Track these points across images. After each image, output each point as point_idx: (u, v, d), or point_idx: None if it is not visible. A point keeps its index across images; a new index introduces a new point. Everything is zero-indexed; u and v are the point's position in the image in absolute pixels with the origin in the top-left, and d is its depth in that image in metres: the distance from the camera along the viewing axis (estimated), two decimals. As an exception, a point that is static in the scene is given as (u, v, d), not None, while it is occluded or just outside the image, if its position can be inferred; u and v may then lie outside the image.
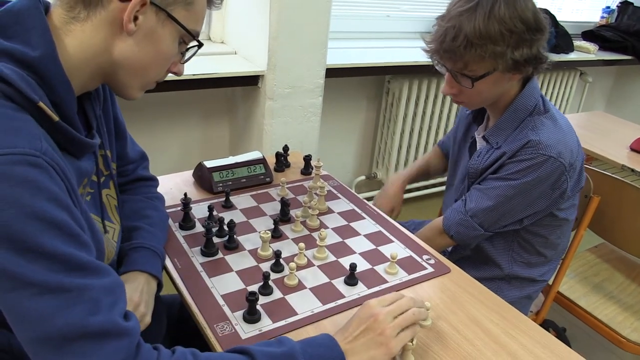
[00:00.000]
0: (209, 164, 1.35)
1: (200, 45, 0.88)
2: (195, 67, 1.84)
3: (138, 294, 0.91)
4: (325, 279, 1.06)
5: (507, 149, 1.23)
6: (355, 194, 1.42)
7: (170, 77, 0.91)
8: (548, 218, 1.30)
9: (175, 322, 1.22)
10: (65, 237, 0.65)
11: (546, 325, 1.69)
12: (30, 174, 0.63)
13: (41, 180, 0.64)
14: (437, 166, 1.66)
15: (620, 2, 3.73)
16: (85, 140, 0.78)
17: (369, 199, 2.79)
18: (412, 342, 0.85)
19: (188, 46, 0.87)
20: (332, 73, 2.13)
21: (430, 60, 1.23)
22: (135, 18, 0.77)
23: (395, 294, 0.88)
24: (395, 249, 1.18)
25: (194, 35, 0.85)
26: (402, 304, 0.86)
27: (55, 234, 0.64)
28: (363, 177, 2.82)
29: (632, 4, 3.68)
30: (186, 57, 0.89)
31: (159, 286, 0.99)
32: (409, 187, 2.97)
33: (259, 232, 1.11)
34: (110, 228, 0.92)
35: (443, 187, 1.74)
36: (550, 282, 1.60)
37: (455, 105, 2.76)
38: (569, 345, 0.96)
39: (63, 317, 0.64)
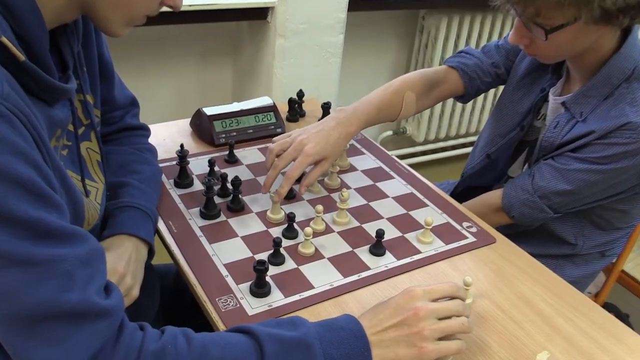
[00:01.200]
0: (209, 111, 1.33)
1: None
2: (193, -4, 1.80)
3: (124, 263, 0.90)
4: (347, 248, 1.06)
5: (597, 128, 1.14)
6: (384, 149, 1.40)
7: (165, 8, 0.87)
8: (630, 193, 1.25)
9: (169, 296, 1.23)
10: (32, 198, 0.62)
11: (607, 309, 1.67)
12: None
13: (2, 131, 0.61)
14: (433, 95, 1.41)
15: None
16: (58, 84, 0.75)
17: (397, 158, 2.78)
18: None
19: None
20: (356, 6, 2.08)
21: None
22: None
23: (448, 287, 0.84)
24: (430, 214, 1.17)
25: None
26: (452, 307, 0.82)
27: (20, 195, 0.61)
28: (390, 133, 2.79)
29: None
30: None
31: (150, 253, 0.98)
32: (442, 144, 2.99)
33: (269, 192, 1.10)
34: (92, 188, 0.91)
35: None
36: (612, 260, 1.56)
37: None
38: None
39: (31, 294, 0.62)
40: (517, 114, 1.36)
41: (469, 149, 3.00)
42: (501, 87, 1.46)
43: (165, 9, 0.85)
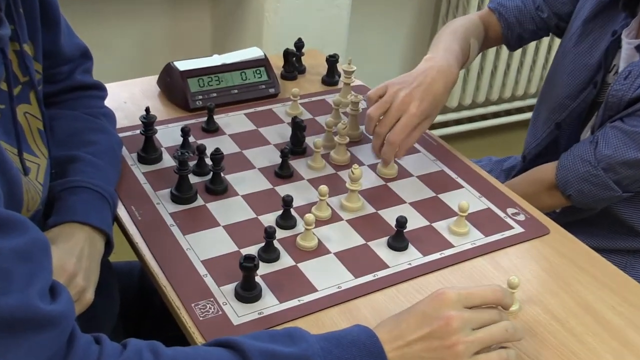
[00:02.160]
0: (182, 65, 1.34)
1: None
2: None
3: (74, 259, 0.90)
4: (359, 240, 1.06)
5: None
6: (406, 114, 1.40)
7: None
8: None
9: (133, 300, 1.24)
10: None
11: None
12: None
13: None
14: (480, 42, 1.47)
15: None
16: None
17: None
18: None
19: None
20: None
21: None
22: None
23: (490, 291, 0.84)
24: (466, 198, 1.17)
25: None
26: (491, 315, 0.83)
27: None
28: (414, 95, 2.79)
29: None
30: None
31: (108, 247, 0.99)
32: (481, 110, 2.98)
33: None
34: (32, 164, 0.91)
35: (531, 114, 1.65)
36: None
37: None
38: None
39: None
40: (587, 68, 1.36)
41: (515, 117, 2.99)
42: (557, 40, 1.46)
43: None
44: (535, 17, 1.44)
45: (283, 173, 1.17)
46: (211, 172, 1.12)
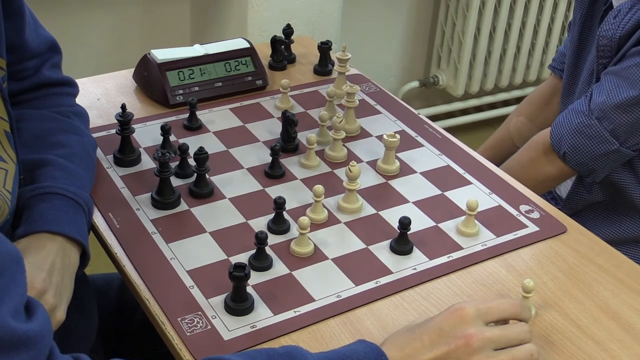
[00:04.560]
0: (160, 56, 1.34)
1: None
2: None
3: (44, 273, 0.90)
4: (359, 244, 1.07)
5: None
6: (407, 106, 1.40)
7: None
8: None
9: (113, 317, 1.24)
10: None
11: None
12: None
13: None
14: (555, 102, 1.60)
15: None
16: None
17: (428, 118, 2.78)
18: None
19: None
20: None
21: None
22: None
23: (509, 305, 0.85)
24: (475, 195, 1.17)
25: None
26: (516, 334, 0.83)
27: None
28: (416, 84, 2.80)
29: None
30: None
31: (84, 259, 0.99)
32: (490, 99, 3.00)
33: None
34: (0, 169, 0.91)
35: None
36: None
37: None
38: None
39: None
40: (590, 59, 1.40)
41: (527, 105, 2.99)
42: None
43: None
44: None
45: (274, 173, 1.18)
46: (195, 174, 1.12)
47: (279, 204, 1.05)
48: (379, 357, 0.79)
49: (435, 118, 2.82)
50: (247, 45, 1.41)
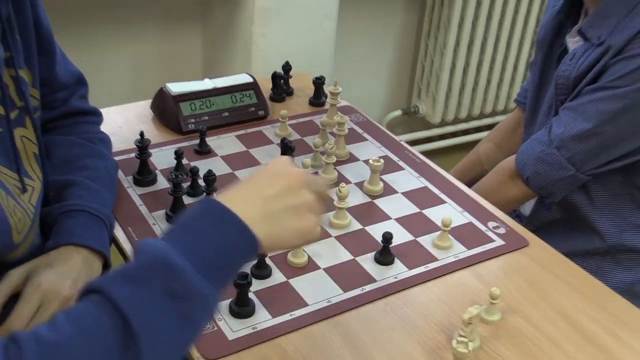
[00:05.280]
0: (174, 89, 1.34)
1: None
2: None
3: (69, 282, 0.90)
4: (347, 256, 1.07)
5: (613, 43, 1.21)
6: (390, 134, 1.41)
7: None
8: None
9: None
10: None
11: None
12: None
13: None
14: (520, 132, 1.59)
15: None
16: None
17: (408, 143, 2.78)
18: (467, 346, 0.85)
19: None
20: (354, -44, 2.08)
21: None
22: None
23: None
24: (449, 213, 1.18)
25: None
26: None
27: None
28: (398, 112, 2.80)
29: None
30: None
31: (106, 268, 0.99)
32: (464, 126, 3.00)
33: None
34: (28, 186, 0.92)
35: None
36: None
37: (536, 4, 2.70)
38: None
39: None
40: (550, 93, 1.40)
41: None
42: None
43: None
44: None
45: (273, 192, 1.18)
46: (204, 193, 1.13)
47: (278, 220, 1.06)
48: (210, 204, 0.71)
49: (415, 142, 2.83)
50: (251, 80, 1.42)
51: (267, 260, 1.02)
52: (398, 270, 1.05)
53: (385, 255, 1.06)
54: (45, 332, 0.60)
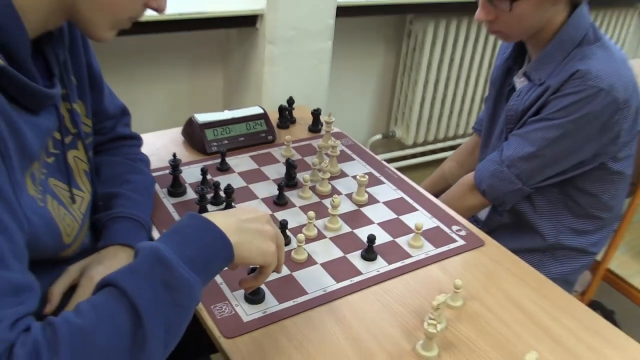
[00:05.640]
0: (201, 118, 1.34)
1: None
2: (182, 4, 1.80)
3: None
4: (339, 253, 1.06)
5: (551, 83, 1.22)
6: (373, 154, 1.41)
7: (152, 15, 0.88)
8: (599, 171, 1.28)
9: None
10: None
11: (593, 307, 1.69)
12: None
13: None
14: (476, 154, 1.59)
15: None
16: (39, 88, 0.75)
17: (386, 161, 2.78)
18: (436, 327, 0.85)
19: None
20: (344, 12, 2.08)
21: None
22: None
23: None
24: (420, 219, 1.18)
25: None
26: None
27: None
28: (379, 136, 2.80)
29: None
30: None
31: None
32: (431, 147, 3.01)
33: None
34: (78, 197, 0.91)
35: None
36: (598, 258, 1.59)
37: (489, 49, 2.71)
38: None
39: None
40: (501, 121, 1.40)
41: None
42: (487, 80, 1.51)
43: (153, 15, 0.86)
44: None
45: (280, 202, 1.18)
46: (224, 203, 1.13)
47: (284, 224, 1.05)
48: (195, 218, 0.74)
49: (393, 160, 2.83)
50: (262, 111, 1.42)
51: (275, 257, 1.01)
52: (380, 265, 1.05)
53: (369, 253, 1.06)
54: (73, 317, 0.63)
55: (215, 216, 0.75)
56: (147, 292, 0.64)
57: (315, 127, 1.48)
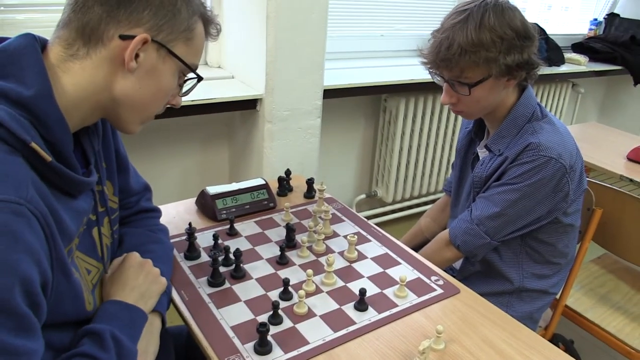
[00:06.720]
0: (211, 190, 1.35)
1: (199, 79, 0.88)
2: (194, 92, 1.83)
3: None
4: (335, 305, 1.05)
5: (509, 154, 1.25)
6: (360, 215, 1.41)
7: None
8: (554, 225, 1.30)
9: (182, 354, 1.20)
10: (25, 296, 0.63)
11: (555, 339, 1.67)
12: (11, 223, 0.62)
13: (20, 231, 0.62)
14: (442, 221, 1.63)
15: (607, 15, 3.77)
16: (80, 179, 0.76)
17: (370, 217, 2.78)
18: None
19: (186, 78, 0.87)
20: (330, 94, 2.14)
21: (426, 75, 1.28)
22: (137, 55, 0.76)
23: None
24: (404, 272, 1.17)
25: (193, 69, 0.85)
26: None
27: (19, 291, 0.62)
28: (363, 196, 2.82)
29: (618, 15, 3.72)
30: (185, 90, 0.88)
31: (163, 322, 0.96)
32: (408, 203, 3.02)
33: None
34: (94, 268, 0.90)
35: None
36: (557, 296, 1.58)
37: (452, 121, 2.77)
38: (579, 358, 0.95)
39: None
40: (468, 183, 1.42)
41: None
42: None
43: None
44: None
45: (282, 262, 1.16)
46: (234, 264, 1.11)
47: (286, 282, 1.04)
48: (112, 305, 0.86)
49: (375, 216, 2.84)
50: (263, 182, 1.42)
51: (280, 312, 1.00)
52: (371, 315, 1.03)
53: (361, 304, 1.04)
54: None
55: (127, 297, 0.88)
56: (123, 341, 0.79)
57: (310, 194, 1.48)
